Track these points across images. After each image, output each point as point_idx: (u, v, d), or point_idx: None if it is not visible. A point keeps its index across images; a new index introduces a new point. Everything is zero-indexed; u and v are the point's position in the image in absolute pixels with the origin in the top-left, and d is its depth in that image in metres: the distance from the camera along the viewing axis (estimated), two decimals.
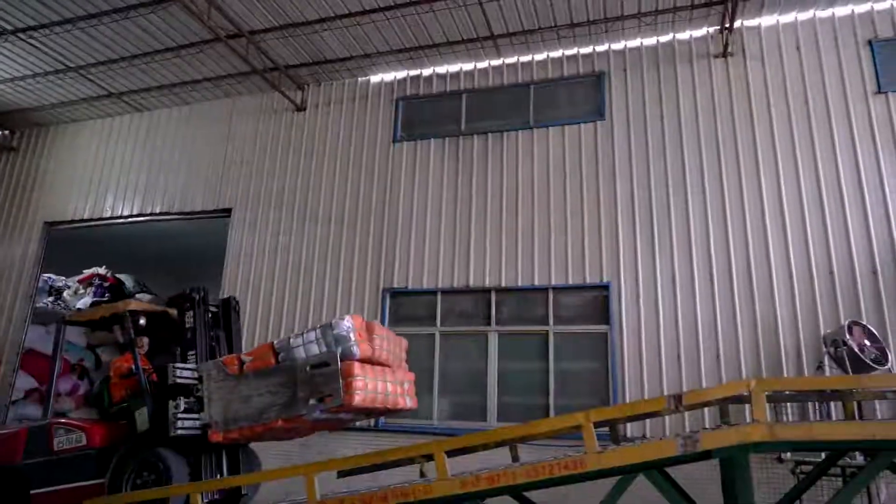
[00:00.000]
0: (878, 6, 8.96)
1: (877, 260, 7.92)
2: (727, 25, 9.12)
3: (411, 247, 9.92)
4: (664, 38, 9.73)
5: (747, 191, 8.66)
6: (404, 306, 9.70)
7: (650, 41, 9.79)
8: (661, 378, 8.17)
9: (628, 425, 7.46)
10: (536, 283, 9.13)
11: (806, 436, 4.10)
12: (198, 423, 5.68)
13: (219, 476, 6.04)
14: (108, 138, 12.94)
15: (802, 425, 4.50)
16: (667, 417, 7.42)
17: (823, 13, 9.15)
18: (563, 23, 9.63)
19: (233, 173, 11.57)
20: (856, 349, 6.80)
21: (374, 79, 11.23)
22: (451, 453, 4.85)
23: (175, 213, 11.81)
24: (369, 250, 10.13)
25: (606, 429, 5.53)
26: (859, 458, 5.58)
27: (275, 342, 5.70)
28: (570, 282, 8.97)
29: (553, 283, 9.06)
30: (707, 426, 6.68)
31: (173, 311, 6.73)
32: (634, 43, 9.86)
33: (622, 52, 9.90)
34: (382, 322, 9.45)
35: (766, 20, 9.35)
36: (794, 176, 8.56)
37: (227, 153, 11.76)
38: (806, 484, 5.30)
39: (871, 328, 7.25)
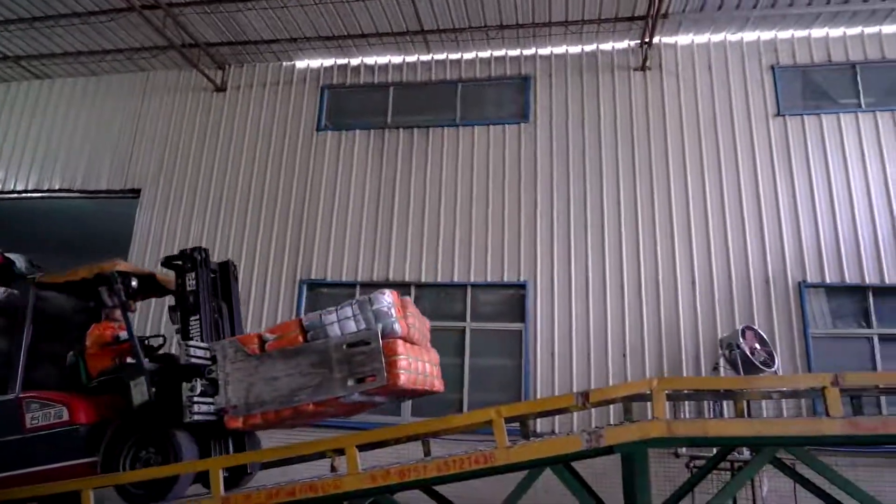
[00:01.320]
0: (781, 35, 9.65)
1: (769, 270, 8.54)
2: (647, 40, 9.54)
3: (331, 238, 9.75)
4: (588, 48, 10.06)
5: (658, 200, 9.10)
6: (322, 299, 9.52)
7: (575, 49, 10.09)
8: (571, 376, 8.45)
9: (538, 421, 7.65)
10: (456, 279, 9.21)
11: (700, 432, 4.36)
12: (212, 407, 5.07)
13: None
14: (0, 105, 11.91)
15: (697, 422, 4.77)
16: (575, 414, 7.69)
17: (733, 37, 9.75)
18: (492, 24, 9.75)
19: (143, 152, 10.94)
20: (747, 352, 7.30)
21: (300, 64, 10.94)
22: (363, 447, 4.81)
23: (77, 191, 11.05)
24: (287, 240, 9.88)
25: (517, 424, 5.69)
26: (746, 453, 6.00)
27: (303, 318, 5.23)
28: (489, 279, 9.11)
29: (472, 280, 9.17)
30: (612, 422, 6.98)
31: (165, 277, 6.10)
32: (560, 50, 10.12)
33: (548, 58, 10.15)
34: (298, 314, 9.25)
35: (683, 39, 9.85)
36: (700, 189, 9.08)
37: (138, 130, 11.12)
38: (698, 477, 5.65)
39: (762, 333, 7.81)
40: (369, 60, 10.69)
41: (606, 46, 10.01)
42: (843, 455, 7.08)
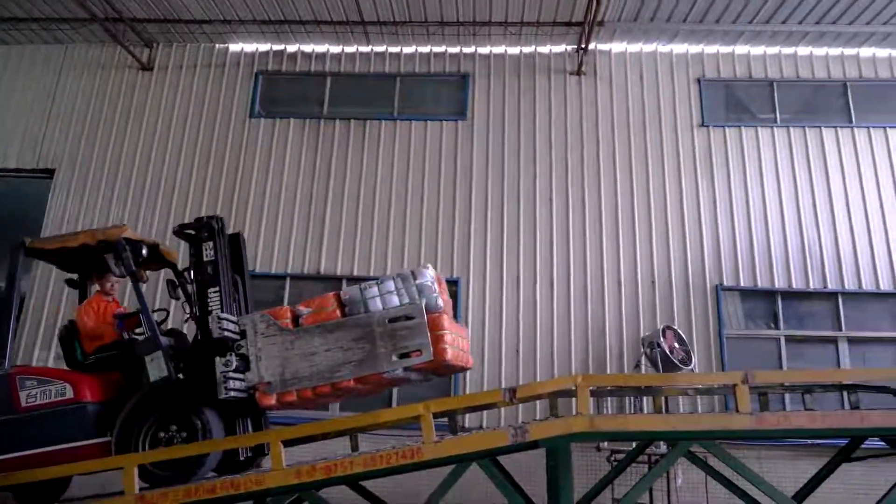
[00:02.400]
0: (707, 49, 10.12)
1: (689, 273, 8.95)
2: (583, 46, 9.79)
3: (262, 228, 9.49)
4: (527, 49, 10.21)
5: (589, 202, 9.37)
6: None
7: (514, 50, 10.22)
8: (499, 372, 8.58)
9: (466, 416, 7.75)
10: (389, 273, 9.15)
11: (621, 427, 4.52)
12: (244, 384, 4.77)
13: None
14: None
15: (618, 418, 4.96)
16: (502, 409, 7.81)
17: (664, 48, 10.15)
18: (433, 19, 9.74)
19: (59, 130, 10.28)
20: (667, 351, 7.63)
21: (234, 47, 10.57)
22: (289, 443, 4.71)
23: None
24: None
25: (446, 419, 5.72)
26: (663, 447, 6.27)
27: (341, 293, 5.03)
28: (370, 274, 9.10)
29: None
30: (538, 418, 7.13)
31: (166, 248, 5.72)
32: (499, 49, 10.23)
33: (487, 57, 10.23)
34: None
35: (617, 47, 10.17)
36: (629, 193, 9.40)
37: (54, 107, 10.43)
38: (618, 470, 5.86)
39: (681, 333, 8.18)
40: (307, 48, 10.45)
41: (544, 49, 10.19)
42: (751, 448, 7.52)
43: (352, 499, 5.41)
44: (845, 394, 5.59)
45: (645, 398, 7.11)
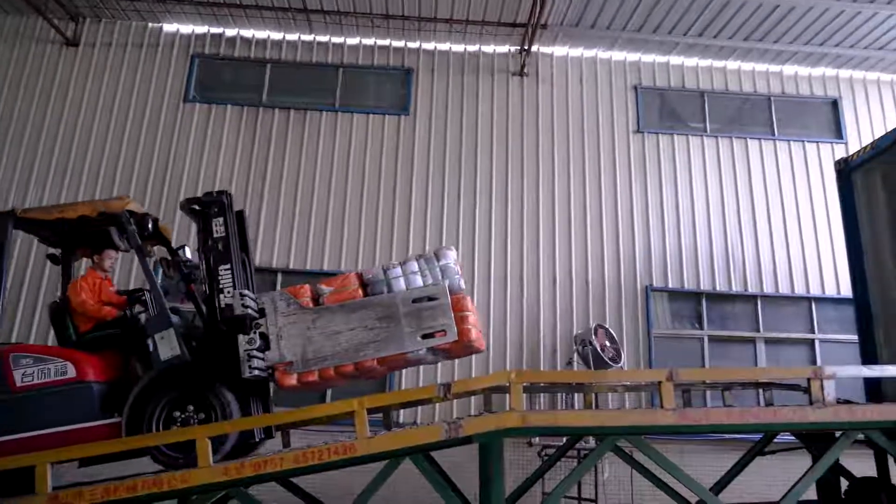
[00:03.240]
0: (645, 58, 10.45)
1: (622, 274, 9.25)
2: (526, 48, 9.92)
3: None
4: (471, 48, 10.27)
5: (527, 201, 9.53)
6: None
7: (458, 47, 10.25)
8: (435, 368, 8.60)
9: (401, 412, 7.72)
10: (326, 268, 9.02)
11: (552, 422, 4.61)
12: (264, 363, 4.62)
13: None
14: None
15: (550, 413, 5.05)
16: (437, 405, 7.84)
17: (604, 55, 10.42)
18: (378, 12, 9.65)
19: None
20: (598, 349, 7.85)
21: (168, 28, 10.13)
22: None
23: None
24: None
25: (381, 415, 5.69)
26: (592, 442, 6.44)
27: (363, 272, 4.97)
28: (361, 269, 9.01)
29: (343, 269, 9.02)
30: (472, 413, 7.19)
31: (164, 225, 5.41)
32: (444, 46, 10.24)
33: (432, 53, 10.23)
34: None
35: (559, 50, 10.36)
36: (566, 194, 9.62)
37: None
38: (549, 464, 5.98)
39: (612, 331, 8.43)
40: (246, 33, 10.15)
41: (488, 49, 10.27)
42: (674, 443, 7.83)
43: (284, 496, 5.31)
44: (761, 391, 5.91)
45: (576, 394, 7.28)
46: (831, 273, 9.51)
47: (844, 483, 5.64)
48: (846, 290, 7.72)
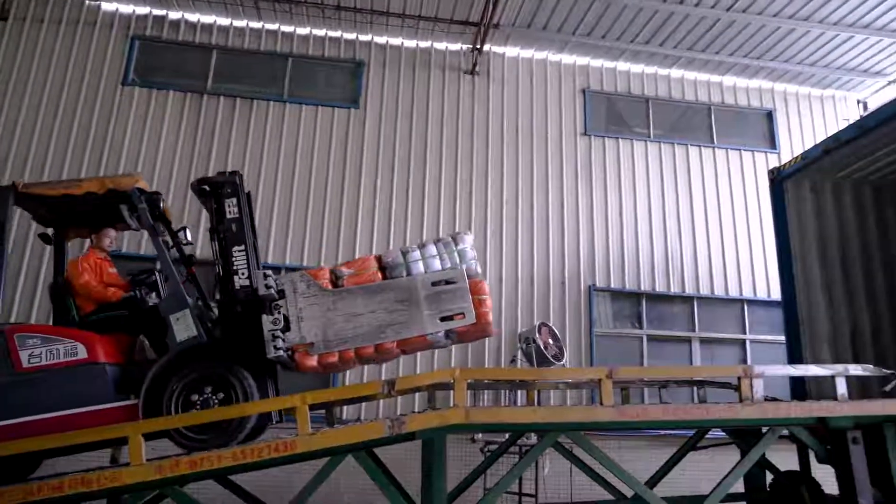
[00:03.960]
0: (593, 63, 10.68)
1: (566, 273, 9.42)
2: (478, 47, 9.97)
3: None
4: (423, 44, 10.24)
5: (475, 198, 9.59)
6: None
7: (410, 43, 10.21)
8: (380, 364, 8.55)
9: (345, 408, 7.65)
10: (270, 261, 8.82)
11: (494, 419, 4.65)
12: (287, 344, 4.56)
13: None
14: None
15: (492, 410, 5.09)
16: (381, 401, 7.80)
17: (554, 57, 10.58)
18: (329, 3, 9.50)
19: None
20: (541, 346, 7.97)
21: (107, 6, 9.68)
22: (152, 436, 4.39)
23: None
24: None
25: (323, 411, 5.62)
26: (533, 438, 6.55)
27: (382, 255, 4.95)
28: (305, 263, 8.88)
29: (287, 262, 8.86)
30: (416, 410, 7.19)
31: (167, 208, 5.25)
32: (396, 41, 10.17)
33: (384, 47, 10.14)
34: None
35: (510, 51, 10.46)
36: (514, 192, 9.73)
37: None
38: (491, 460, 6.05)
39: (555, 329, 8.58)
40: (191, 17, 9.81)
41: (440, 46, 10.27)
42: (613, 439, 8.06)
43: (222, 495, 5.17)
44: (695, 389, 6.13)
45: (519, 391, 7.38)
46: (763, 277, 9.97)
47: (769, 477, 5.92)
48: (776, 294, 8.08)
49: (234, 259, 4.80)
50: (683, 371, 8.04)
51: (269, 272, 4.75)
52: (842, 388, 4.86)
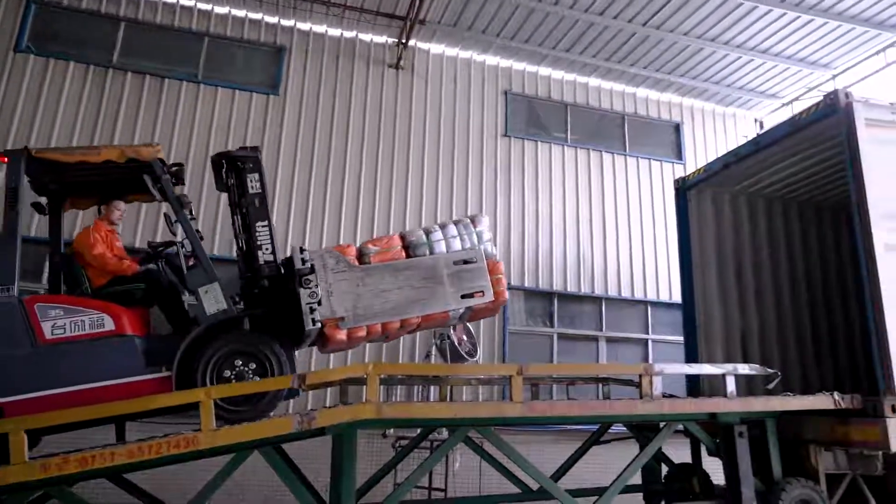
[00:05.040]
0: (516, 66, 10.90)
1: None
2: (404, 41, 9.91)
3: None
4: (348, 34, 10.06)
5: (396, 193, 9.54)
6: None
7: (335, 32, 10.01)
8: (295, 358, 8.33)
9: None
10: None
11: (406, 414, 4.66)
12: (320, 317, 4.64)
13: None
14: None
15: (404, 405, 5.11)
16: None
17: (478, 57, 10.70)
18: None
19: None
20: (456, 343, 8.06)
21: None
22: (38, 432, 4.07)
23: None
24: None
25: None
26: (445, 433, 6.60)
27: (405, 234, 5.16)
28: (216, 253, 8.51)
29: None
30: (328, 405, 7.07)
31: (177, 187, 5.05)
32: (320, 28, 9.94)
33: (307, 34, 9.88)
34: None
35: (435, 48, 10.48)
36: (434, 189, 9.77)
37: None
38: (402, 455, 6.05)
39: (469, 326, 8.69)
40: None
41: (366, 37, 10.13)
42: (522, 433, 8.25)
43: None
44: (601, 385, 6.39)
45: (432, 387, 7.42)
46: (666, 281, 10.53)
47: (665, 469, 6.27)
48: (677, 297, 8.54)
49: (257, 234, 4.84)
50: (590, 368, 8.36)
51: (305, 247, 4.89)
52: (731, 385, 5.22)
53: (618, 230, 10.61)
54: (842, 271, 7.43)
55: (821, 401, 5.19)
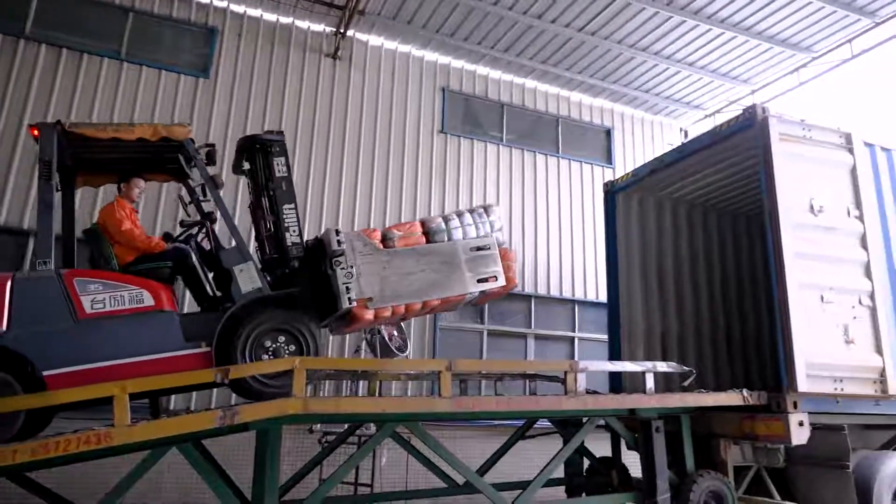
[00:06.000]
0: (454, 63, 10.93)
1: None
2: (342, 31, 9.75)
3: None
4: (285, 20, 9.80)
5: (329, 185, 9.38)
6: None
7: (271, 17, 9.72)
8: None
9: (174, 398, 7.14)
10: None
11: (333, 409, 4.59)
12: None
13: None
14: None
15: (331, 400, 5.02)
16: (215, 391, 7.38)
17: (417, 52, 10.66)
18: None
19: None
20: (386, 338, 8.01)
21: None
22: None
23: None
24: None
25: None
26: (372, 428, 6.56)
27: (425, 221, 5.48)
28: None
29: None
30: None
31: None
32: (255, 12, 9.64)
33: (241, 16, 9.55)
34: None
35: (374, 40, 10.37)
36: (368, 183, 9.67)
37: None
38: (329, 451, 5.97)
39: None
40: None
41: (303, 24, 9.90)
42: (449, 429, 8.32)
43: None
44: (528, 381, 6.52)
45: (361, 382, 7.35)
46: (593, 281, 10.85)
47: (587, 463, 6.46)
48: (603, 297, 8.80)
49: (284, 216, 4.99)
50: (517, 365, 8.52)
51: (340, 229, 5.13)
52: (650, 382, 5.44)
53: (548, 230, 10.85)
54: (755, 276, 7.88)
55: (731, 397, 5.49)
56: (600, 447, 6.35)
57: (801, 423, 5.19)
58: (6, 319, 4.14)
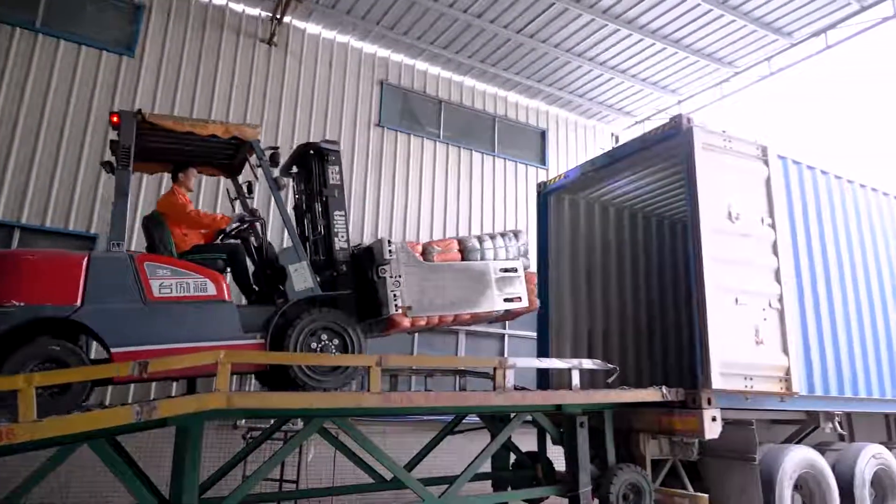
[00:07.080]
0: (394, 56, 10.86)
1: None
2: (278, 17, 9.49)
3: None
4: (218, 1, 9.44)
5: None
6: None
7: None
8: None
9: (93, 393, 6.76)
10: (1, 216, 7.43)
11: (260, 404, 4.48)
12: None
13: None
14: None
15: (257, 395, 4.90)
16: (133, 386, 7.06)
17: (356, 43, 10.52)
18: None
19: None
20: None
21: None
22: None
23: None
24: None
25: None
26: (299, 424, 6.43)
27: (462, 240, 5.80)
28: (48, 225, 7.64)
29: (25, 223, 7.54)
30: (174, 395, 6.60)
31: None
32: None
33: None
34: None
35: (312, 28, 10.15)
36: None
37: None
38: (253, 447, 5.82)
39: None
40: None
41: (237, 7, 9.57)
42: (378, 424, 8.28)
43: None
44: (458, 377, 6.57)
45: None
46: None
47: (513, 457, 6.58)
48: None
49: (335, 222, 5.25)
50: (447, 361, 8.58)
51: (392, 238, 5.45)
52: (576, 379, 5.60)
53: (482, 228, 10.95)
54: (677, 279, 8.24)
55: (650, 394, 5.72)
56: (526, 442, 6.48)
57: (714, 419, 5.46)
58: (81, 296, 4.22)
